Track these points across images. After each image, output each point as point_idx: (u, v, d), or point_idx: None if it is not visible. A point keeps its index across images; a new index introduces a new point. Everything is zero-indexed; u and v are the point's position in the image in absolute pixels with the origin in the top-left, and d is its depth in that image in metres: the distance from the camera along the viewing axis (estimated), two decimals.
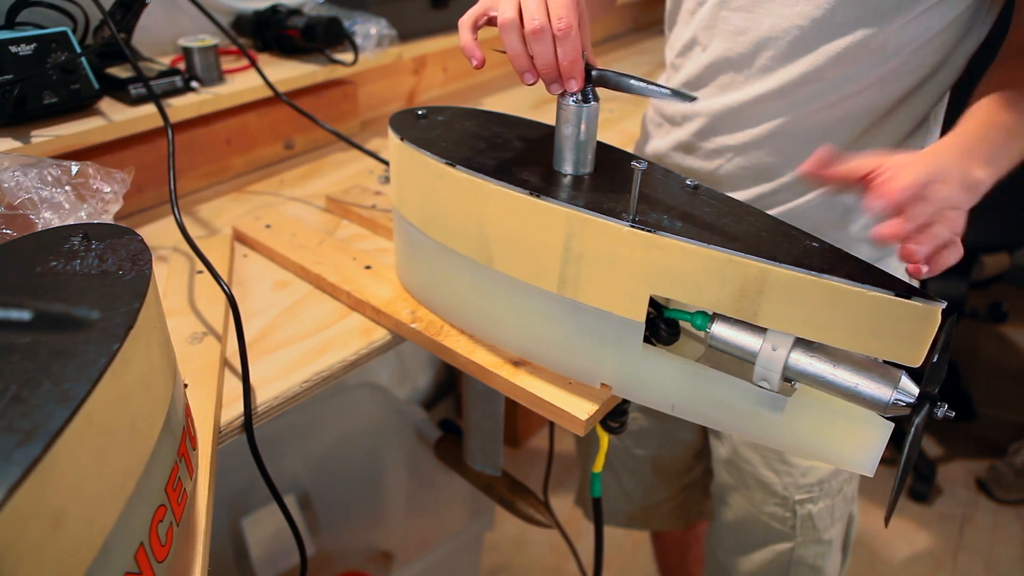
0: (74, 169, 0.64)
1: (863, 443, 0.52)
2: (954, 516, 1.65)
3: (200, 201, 0.95)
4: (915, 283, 0.80)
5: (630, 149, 1.13)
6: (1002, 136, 0.58)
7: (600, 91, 0.57)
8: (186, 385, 0.59)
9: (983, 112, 0.60)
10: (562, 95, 0.56)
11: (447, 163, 0.59)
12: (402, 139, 0.63)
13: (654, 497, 1.05)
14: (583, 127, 0.56)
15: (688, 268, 0.50)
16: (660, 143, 0.83)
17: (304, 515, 1.41)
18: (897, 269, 0.78)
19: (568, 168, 0.58)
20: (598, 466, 0.71)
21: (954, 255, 0.53)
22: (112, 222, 0.65)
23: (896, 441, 1.73)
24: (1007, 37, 0.67)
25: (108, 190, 0.67)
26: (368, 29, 1.07)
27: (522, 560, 1.54)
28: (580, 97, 0.55)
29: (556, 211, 0.53)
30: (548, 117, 1.05)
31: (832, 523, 0.84)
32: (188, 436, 0.50)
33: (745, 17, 0.69)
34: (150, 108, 0.86)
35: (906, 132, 0.72)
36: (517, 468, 1.72)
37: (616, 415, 0.66)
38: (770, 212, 0.74)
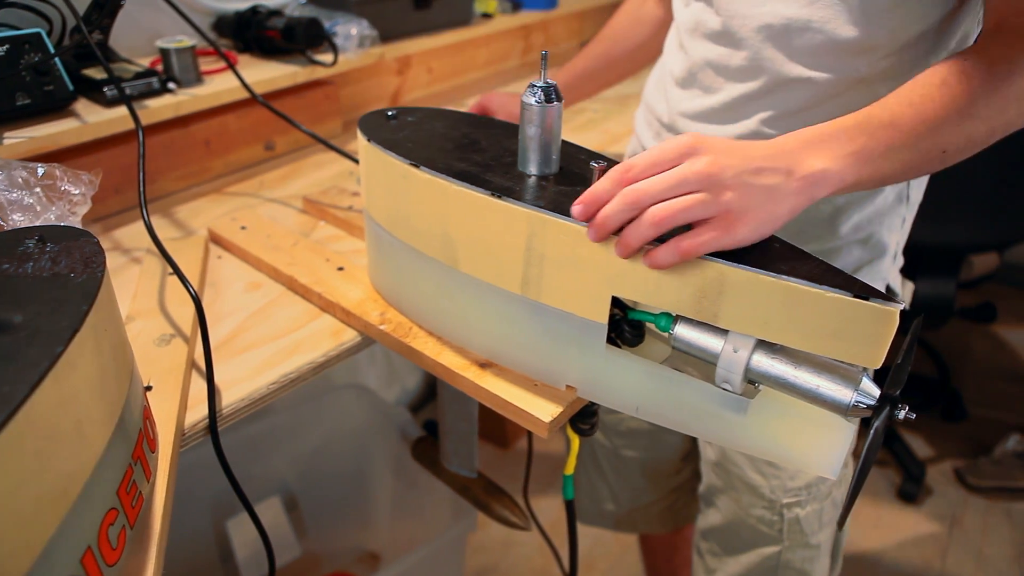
0: (40, 171, 0.64)
1: (826, 446, 0.52)
2: (944, 516, 1.65)
3: (179, 202, 0.95)
4: (895, 285, 0.79)
5: (614, 149, 1.13)
6: (879, 129, 0.52)
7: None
8: (150, 387, 0.59)
9: (874, 106, 0.54)
10: (524, 95, 0.56)
11: (411, 164, 0.58)
12: (369, 140, 0.63)
13: (642, 499, 1.04)
14: (546, 127, 0.56)
15: (648, 269, 0.50)
16: (651, 143, 0.82)
17: (290, 516, 1.41)
18: (888, 272, 0.77)
19: (533, 169, 0.58)
20: (569, 468, 0.70)
21: (687, 244, 0.47)
22: (74, 225, 0.65)
23: (886, 442, 1.74)
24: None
25: (76, 192, 0.67)
26: (349, 30, 1.07)
27: (509, 561, 1.53)
28: (543, 97, 0.55)
29: (517, 212, 0.53)
30: None
31: (820, 527, 0.84)
32: (146, 439, 0.50)
33: (720, 19, 0.69)
34: (126, 109, 0.86)
35: None
36: (506, 468, 1.72)
37: (586, 417, 0.65)
38: None
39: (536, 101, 0.55)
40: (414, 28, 1.20)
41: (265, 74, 1.00)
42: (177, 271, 0.63)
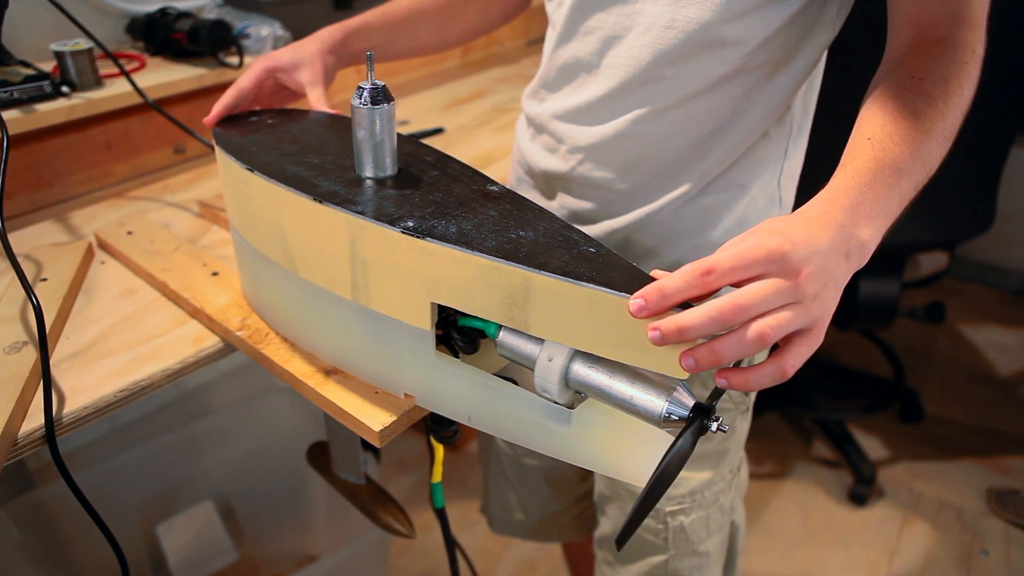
0: None
1: (647, 457, 0.51)
2: (894, 519, 1.63)
3: (78, 207, 0.94)
4: None
5: None
6: (891, 176, 0.50)
7: (508, 89, 0.56)
8: None
9: (869, 147, 0.52)
10: (352, 97, 0.54)
11: (247, 168, 0.57)
12: (217, 143, 0.62)
13: (550, 508, 1.03)
14: (376, 129, 0.55)
15: (459, 275, 0.49)
16: (527, 145, 0.81)
17: (227, 520, 1.40)
18: None
19: (368, 172, 0.57)
20: (436, 476, 0.69)
21: (771, 370, 0.44)
22: None
23: (839, 444, 1.72)
24: (887, 47, 0.61)
25: None
26: (260, 31, 1.06)
27: None
28: (369, 99, 0.54)
29: (338, 217, 0.52)
30: (460, 118, 1.03)
31: (708, 535, 0.82)
32: None
33: (596, 17, 0.68)
34: (13, 113, 0.85)
35: (761, 131, 0.70)
36: (455, 473, 1.71)
37: (444, 425, 0.65)
38: (626, 218, 0.72)
39: (362, 103, 0.54)
40: None
41: (170, 77, 0.99)
42: (21, 277, 0.63)
